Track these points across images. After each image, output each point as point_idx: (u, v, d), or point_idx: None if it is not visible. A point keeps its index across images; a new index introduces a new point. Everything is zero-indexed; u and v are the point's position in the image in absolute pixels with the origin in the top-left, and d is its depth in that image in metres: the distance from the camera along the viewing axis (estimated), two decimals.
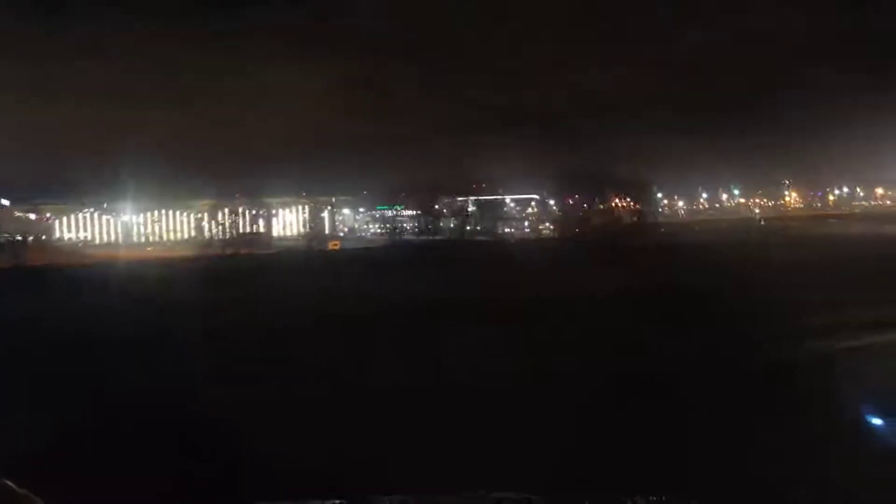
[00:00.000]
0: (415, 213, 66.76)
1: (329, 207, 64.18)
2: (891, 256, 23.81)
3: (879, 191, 63.08)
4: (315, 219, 62.77)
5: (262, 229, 60.10)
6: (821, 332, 11.65)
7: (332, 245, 51.23)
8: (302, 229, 61.91)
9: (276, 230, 60.92)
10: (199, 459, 6.44)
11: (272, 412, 8.11)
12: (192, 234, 56.98)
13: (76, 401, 8.59)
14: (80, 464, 6.14)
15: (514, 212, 66.15)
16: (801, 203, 70.88)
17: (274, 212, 61.78)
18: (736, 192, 69.84)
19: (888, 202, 66.24)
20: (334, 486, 4.25)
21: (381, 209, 68.21)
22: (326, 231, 62.50)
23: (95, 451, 6.54)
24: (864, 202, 67.11)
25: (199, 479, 5.98)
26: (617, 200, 65.24)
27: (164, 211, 58.30)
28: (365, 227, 67.97)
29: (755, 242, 37.02)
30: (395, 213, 67.46)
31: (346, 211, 61.15)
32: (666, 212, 73.93)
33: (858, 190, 65.26)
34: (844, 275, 19.95)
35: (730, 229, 48.73)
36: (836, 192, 67.56)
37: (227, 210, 60.73)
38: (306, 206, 62.87)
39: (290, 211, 62.74)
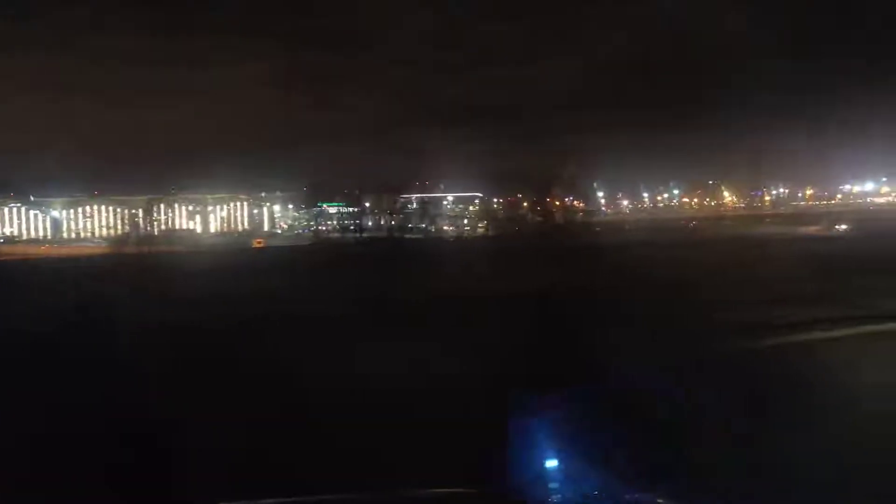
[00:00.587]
0: (355, 209, 67.07)
1: (268, 204, 63.75)
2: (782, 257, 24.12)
3: (809, 191, 64.09)
4: (251, 215, 62.38)
5: (197, 225, 59.76)
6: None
7: (257, 243, 50.86)
8: (241, 226, 61.64)
9: (214, 226, 60.51)
10: None
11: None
12: (125, 230, 56.35)
13: None
14: None
15: (456, 210, 66.20)
16: (743, 202, 71.93)
17: (211, 208, 61.27)
18: (675, 191, 70.31)
19: (822, 202, 67.43)
20: None
21: (322, 206, 68.25)
22: (266, 227, 62.27)
23: None
24: (802, 202, 68.28)
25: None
26: (550, 199, 65.98)
27: (95, 206, 57.64)
28: (306, 223, 67.89)
29: (666, 243, 37.36)
30: (338, 210, 67.78)
31: (276, 207, 60.65)
32: (608, 210, 74.86)
33: (785, 190, 66.31)
34: (722, 277, 20.05)
35: (656, 229, 49.14)
36: (774, 192, 68.46)
37: (162, 206, 60.30)
38: (244, 203, 62.45)
39: (228, 207, 62.23)
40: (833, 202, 66.10)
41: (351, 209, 67.26)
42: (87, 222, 58.01)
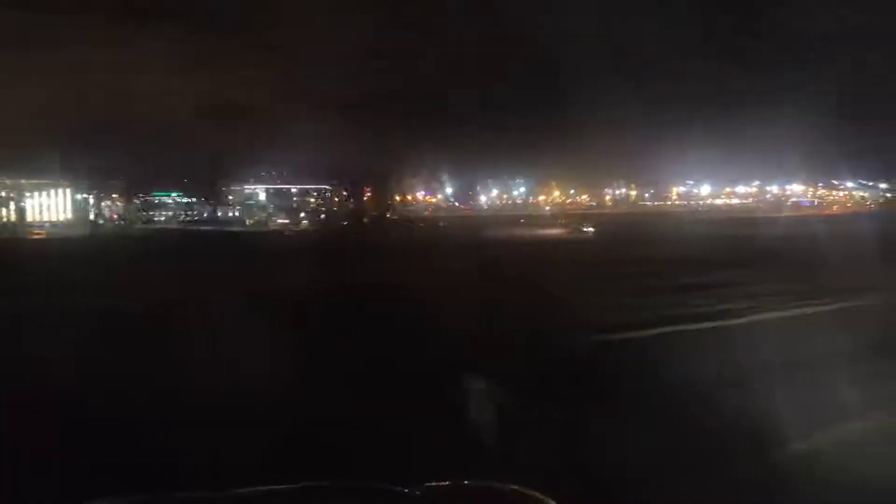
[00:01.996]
0: (191, 199, 64.86)
1: (94, 192, 60.51)
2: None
3: (633, 192, 65.35)
4: (75, 204, 59.13)
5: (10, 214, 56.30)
6: None
7: (33, 233, 48.07)
8: (63, 215, 58.42)
9: (31, 215, 57.06)
10: None
11: None
12: None
13: None
14: None
15: (294, 203, 64.67)
16: (594, 201, 73.09)
17: (28, 195, 57.71)
18: (522, 188, 70.93)
19: (665, 202, 68.97)
20: None
21: (158, 195, 65.76)
22: (91, 217, 59.25)
23: None
24: (649, 202, 69.78)
25: None
26: (401, 194, 65.63)
27: None
28: (140, 213, 65.48)
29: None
30: (173, 199, 65.38)
31: (80, 196, 57.57)
32: (461, 206, 74.70)
33: (626, 190, 67.59)
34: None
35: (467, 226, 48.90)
36: (617, 191, 69.85)
37: None
38: (63, 191, 59.03)
39: (48, 195, 58.71)
40: (671, 203, 67.68)
41: (188, 199, 65.26)
42: None
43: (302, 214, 63.60)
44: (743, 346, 11.27)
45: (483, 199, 77.34)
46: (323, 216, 61.25)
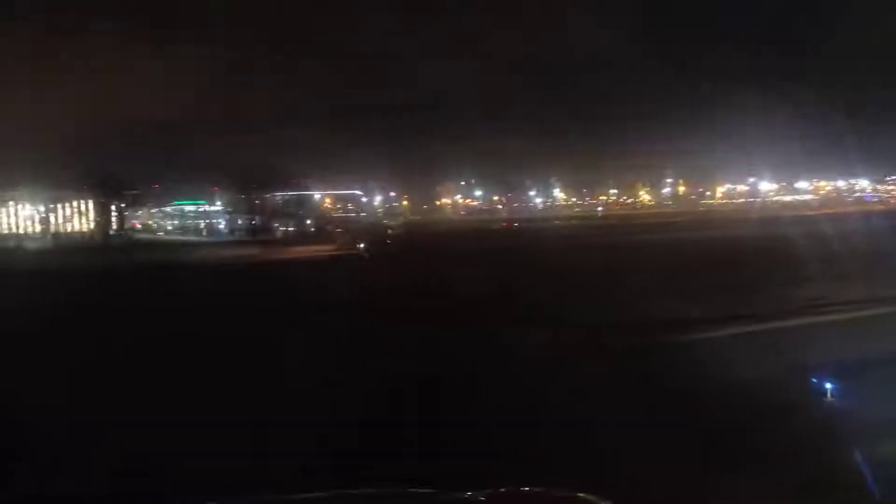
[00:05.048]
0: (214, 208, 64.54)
1: (117, 202, 61.19)
2: None
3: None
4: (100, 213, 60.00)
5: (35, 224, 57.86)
6: None
7: None
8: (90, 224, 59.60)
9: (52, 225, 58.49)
10: None
11: None
12: None
13: None
14: None
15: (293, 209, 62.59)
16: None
17: (51, 206, 59.07)
18: (556, 190, 66.49)
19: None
20: None
21: (179, 204, 66.14)
22: (114, 227, 60.13)
23: None
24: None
25: None
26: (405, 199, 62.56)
27: None
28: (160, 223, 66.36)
29: None
30: (199, 208, 65.44)
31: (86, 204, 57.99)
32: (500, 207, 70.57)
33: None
34: None
35: None
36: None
37: None
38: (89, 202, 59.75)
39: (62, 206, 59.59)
40: (718, 200, 60.49)
41: (211, 208, 64.96)
42: None
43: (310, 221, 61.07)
44: None
45: (534, 200, 72.22)
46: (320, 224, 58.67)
